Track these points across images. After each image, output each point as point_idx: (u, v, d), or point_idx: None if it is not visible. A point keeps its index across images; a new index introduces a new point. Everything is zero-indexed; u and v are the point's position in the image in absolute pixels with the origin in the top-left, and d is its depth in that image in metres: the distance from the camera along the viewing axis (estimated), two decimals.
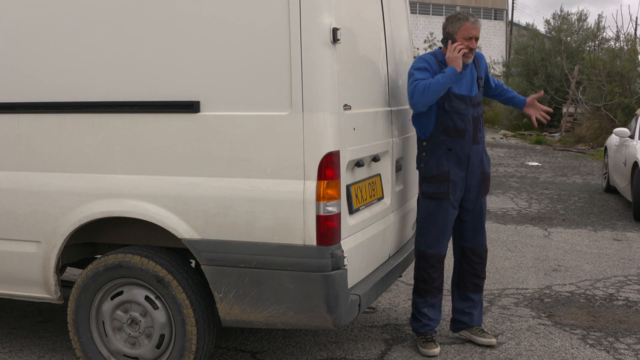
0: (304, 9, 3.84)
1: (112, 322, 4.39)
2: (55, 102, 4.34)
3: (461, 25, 4.88)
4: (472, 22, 4.89)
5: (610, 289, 6.77)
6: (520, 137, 27.30)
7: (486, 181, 5.20)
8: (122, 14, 4.19)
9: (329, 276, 3.95)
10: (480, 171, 5.11)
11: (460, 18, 4.91)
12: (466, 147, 5.00)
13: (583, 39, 29.97)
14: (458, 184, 5.02)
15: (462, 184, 5.04)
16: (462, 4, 54.94)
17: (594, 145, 21.69)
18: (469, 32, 4.87)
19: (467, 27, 4.87)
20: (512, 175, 15.43)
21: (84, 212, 4.29)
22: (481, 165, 5.11)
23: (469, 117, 4.99)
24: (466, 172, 5.04)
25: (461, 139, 4.97)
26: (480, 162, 5.10)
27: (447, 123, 4.95)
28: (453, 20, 4.95)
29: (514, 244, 8.70)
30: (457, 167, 5.00)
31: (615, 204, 11.77)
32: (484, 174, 5.16)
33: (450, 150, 4.98)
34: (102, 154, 4.27)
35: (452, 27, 4.94)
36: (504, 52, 49.40)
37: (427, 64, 4.92)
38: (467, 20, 4.88)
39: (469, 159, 5.03)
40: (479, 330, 5.29)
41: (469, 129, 4.99)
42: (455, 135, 4.97)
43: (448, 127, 4.96)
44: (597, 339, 5.42)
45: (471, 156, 5.03)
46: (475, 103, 5.04)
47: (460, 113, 4.96)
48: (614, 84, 22.02)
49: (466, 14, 4.96)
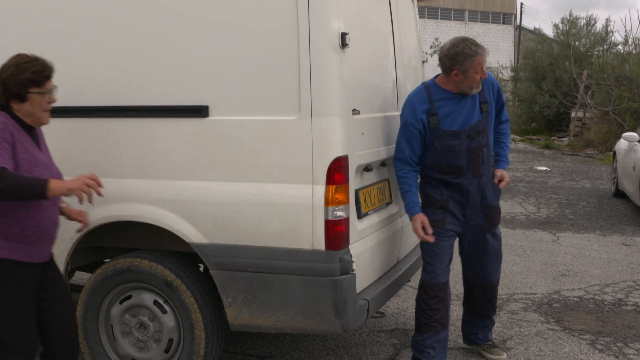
0: (312, 14, 3.84)
1: (120, 326, 4.40)
2: (64, 107, 4.34)
3: (473, 61, 4.40)
4: (482, 52, 4.44)
5: (619, 294, 6.75)
6: (528, 141, 27.28)
7: (492, 216, 4.79)
8: (130, 19, 4.20)
9: (338, 281, 3.94)
10: (484, 205, 4.74)
11: (469, 54, 4.39)
12: (464, 182, 4.65)
13: (592, 44, 29.92)
14: (457, 214, 4.72)
15: (461, 215, 4.73)
16: (471, 8, 54.96)
17: (603, 150, 21.63)
18: (481, 64, 4.44)
19: (480, 61, 4.42)
20: (521, 179, 15.40)
21: (92, 217, 4.28)
22: (484, 199, 4.73)
23: (464, 151, 4.57)
24: (466, 205, 4.72)
25: (457, 176, 4.64)
26: (482, 196, 4.72)
27: (440, 161, 4.61)
28: (462, 59, 4.40)
29: (522, 249, 8.67)
30: (457, 197, 4.70)
31: (624, 208, 11.73)
32: (489, 209, 4.77)
33: (447, 183, 4.67)
34: (111, 158, 4.28)
35: (462, 67, 4.41)
36: (512, 56, 49.35)
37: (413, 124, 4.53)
38: (478, 54, 4.41)
39: (469, 193, 4.68)
40: (489, 345, 5.16)
41: (464, 164, 4.60)
42: (450, 172, 4.63)
43: (441, 166, 4.62)
44: (606, 344, 5.40)
45: (470, 190, 4.68)
46: (472, 133, 4.57)
47: (453, 150, 4.56)
48: (622, 89, 21.97)
49: (471, 44, 4.44)
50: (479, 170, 4.66)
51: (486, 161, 4.69)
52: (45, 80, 3.55)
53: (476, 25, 55.02)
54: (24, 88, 3.49)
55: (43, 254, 3.66)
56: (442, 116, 4.53)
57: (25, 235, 3.53)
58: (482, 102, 4.63)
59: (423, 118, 4.51)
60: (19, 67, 3.48)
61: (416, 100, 4.56)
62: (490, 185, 4.76)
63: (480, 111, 4.62)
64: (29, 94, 3.50)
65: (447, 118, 4.53)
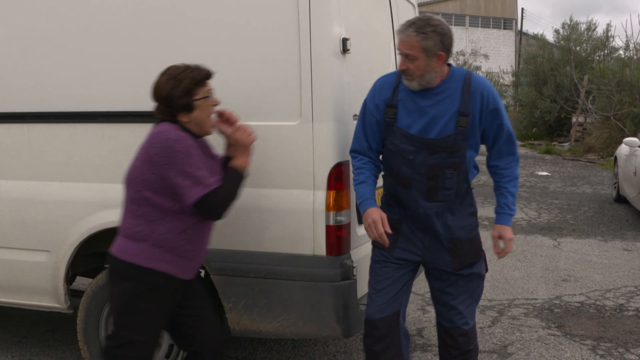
0: (313, 19, 3.85)
1: None
2: (65, 112, 4.35)
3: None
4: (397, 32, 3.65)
5: (621, 299, 6.74)
6: (529, 146, 27.29)
7: (460, 252, 3.73)
8: (132, 24, 4.21)
9: (339, 286, 3.94)
10: (449, 238, 3.72)
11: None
12: (413, 203, 3.69)
13: (592, 49, 29.96)
14: (414, 240, 3.78)
15: (419, 244, 3.77)
16: (472, 14, 55.06)
17: (604, 155, 21.64)
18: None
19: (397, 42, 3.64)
20: (522, 185, 15.39)
21: (93, 222, 4.29)
22: (447, 230, 3.71)
23: (418, 164, 3.63)
24: (422, 233, 3.77)
25: (407, 189, 3.70)
26: (443, 225, 3.71)
27: (391, 165, 3.74)
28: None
29: (523, 254, 8.67)
30: (409, 222, 3.77)
31: (626, 213, 11.72)
32: (455, 243, 3.73)
33: (398, 199, 3.78)
34: (112, 163, 4.28)
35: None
36: (513, 61, 49.40)
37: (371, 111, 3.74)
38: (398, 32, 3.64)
39: (420, 219, 3.72)
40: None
41: (417, 178, 3.65)
42: (399, 182, 3.72)
43: (392, 169, 3.74)
44: (607, 349, 5.39)
45: (421, 215, 3.70)
46: (434, 147, 3.59)
47: (404, 156, 3.65)
48: (623, 94, 21.99)
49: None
50: (436, 195, 3.66)
51: (451, 187, 3.66)
52: (205, 81, 3.54)
53: (477, 30, 55.10)
54: (189, 96, 3.46)
55: (192, 272, 3.69)
56: (402, 112, 3.66)
57: (188, 250, 3.56)
58: (462, 114, 3.60)
59: (380, 107, 3.70)
60: (176, 78, 3.46)
61: (380, 85, 3.77)
62: (458, 215, 3.74)
63: (455, 124, 3.59)
64: (195, 101, 3.48)
65: (408, 116, 3.65)
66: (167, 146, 3.36)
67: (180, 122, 3.50)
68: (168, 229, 3.46)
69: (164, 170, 3.37)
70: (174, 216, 3.46)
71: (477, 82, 3.63)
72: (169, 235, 3.47)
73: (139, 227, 3.48)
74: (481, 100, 3.60)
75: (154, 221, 3.46)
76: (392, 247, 3.75)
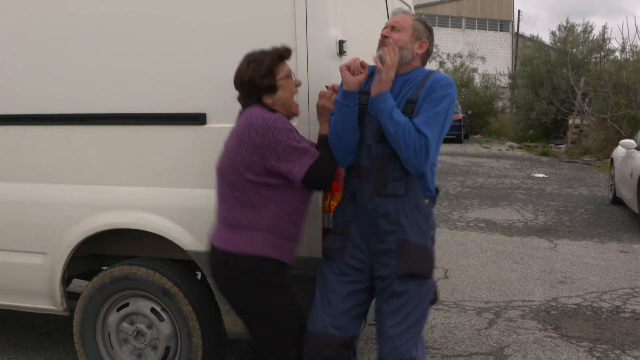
0: (310, 21, 3.85)
1: (118, 334, 4.39)
2: (61, 114, 4.35)
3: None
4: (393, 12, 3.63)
5: (617, 301, 6.75)
6: (526, 148, 27.33)
7: (407, 256, 3.36)
8: (128, 26, 4.20)
9: None
10: (397, 239, 3.38)
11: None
12: (365, 198, 3.42)
13: (589, 51, 30.02)
14: (359, 246, 3.49)
15: (365, 248, 3.49)
16: (468, 16, 55.12)
17: (600, 157, 21.67)
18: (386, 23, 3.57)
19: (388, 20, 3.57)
20: (518, 187, 15.40)
21: (90, 224, 4.29)
22: (397, 231, 3.38)
23: (366, 153, 3.42)
24: (368, 234, 3.46)
25: (361, 182, 3.43)
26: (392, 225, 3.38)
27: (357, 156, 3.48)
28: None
29: (520, 256, 8.67)
30: (358, 222, 3.50)
31: (622, 215, 11.74)
32: (403, 244, 3.38)
33: (352, 195, 3.50)
34: (108, 165, 4.28)
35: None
36: (509, 63, 49.48)
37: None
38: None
39: (368, 217, 3.43)
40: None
41: (367, 166, 3.41)
42: (357, 174, 3.45)
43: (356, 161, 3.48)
44: (603, 351, 5.40)
45: (369, 212, 3.41)
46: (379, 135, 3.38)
47: (364, 142, 3.43)
48: (619, 96, 22.04)
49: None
50: (385, 189, 3.37)
51: (398, 179, 3.37)
52: (284, 58, 3.55)
53: (474, 32, 55.17)
54: (272, 77, 3.49)
55: (295, 257, 3.63)
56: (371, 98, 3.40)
57: (294, 233, 3.55)
58: (409, 102, 3.36)
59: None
60: (256, 60, 3.50)
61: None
62: (411, 214, 3.40)
63: (402, 109, 3.34)
64: (279, 81, 3.51)
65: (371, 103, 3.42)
66: (266, 126, 3.36)
67: (266, 104, 3.52)
68: (275, 213, 3.44)
69: (268, 150, 3.36)
70: (279, 199, 3.44)
71: (436, 75, 3.43)
72: (277, 220, 3.44)
73: (245, 214, 3.44)
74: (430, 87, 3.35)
75: (259, 206, 3.43)
76: (338, 252, 3.52)
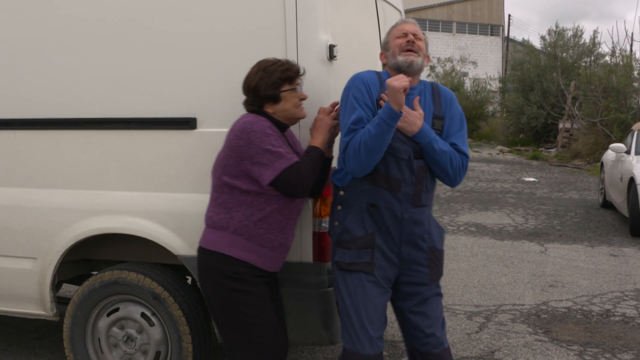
0: (300, 26, 3.85)
1: (108, 338, 4.37)
2: (51, 119, 4.34)
3: (393, 28, 3.67)
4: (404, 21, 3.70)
5: (607, 305, 6.77)
6: (516, 152, 27.40)
7: (437, 262, 3.61)
8: (119, 31, 4.20)
9: (326, 293, 3.93)
10: (428, 247, 3.56)
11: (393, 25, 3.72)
12: (398, 208, 3.47)
13: (579, 55, 30.13)
14: (388, 256, 3.52)
15: (394, 257, 3.53)
16: (459, 20, 55.24)
17: (590, 161, 21.75)
18: (402, 29, 3.60)
19: (399, 28, 3.63)
20: (509, 190, 15.44)
21: (80, 229, 4.28)
22: (428, 239, 3.56)
23: (412, 165, 3.47)
24: (399, 243, 3.52)
25: (393, 194, 3.48)
26: (424, 233, 3.55)
27: (378, 168, 3.46)
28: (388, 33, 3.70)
29: (510, 260, 8.69)
30: (385, 232, 3.50)
31: (612, 219, 11.78)
32: (434, 252, 3.59)
33: (375, 207, 3.49)
34: (99, 170, 4.27)
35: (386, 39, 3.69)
36: (500, 67, 49.59)
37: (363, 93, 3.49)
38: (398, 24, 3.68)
39: (402, 226, 3.49)
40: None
41: (406, 181, 3.47)
42: (385, 186, 3.48)
43: (377, 173, 3.46)
44: (594, 355, 5.41)
45: (405, 221, 3.49)
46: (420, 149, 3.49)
47: (396, 156, 3.45)
48: (609, 100, 22.12)
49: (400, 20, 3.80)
50: (421, 198, 3.53)
51: (430, 189, 3.59)
52: (296, 76, 3.64)
53: (464, 36, 55.29)
54: (277, 89, 3.59)
55: (277, 264, 3.71)
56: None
57: (268, 239, 3.59)
58: (437, 117, 3.58)
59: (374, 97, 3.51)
60: (267, 70, 3.59)
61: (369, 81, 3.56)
62: (434, 222, 3.64)
63: (432, 126, 3.54)
64: (282, 93, 3.60)
65: None
66: (243, 128, 3.50)
67: (267, 112, 3.62)
68: (246, 216, 3.53)
69: (242, 152, 3.48)
70: (251, 203, 3.53)
71: (441, 87, 3.72)
72: (247, 223, 3.53)
73: (219, 214, 3.58)
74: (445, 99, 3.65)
75: (232, 209, 3.55)
76: (369, 266, 3.50)
